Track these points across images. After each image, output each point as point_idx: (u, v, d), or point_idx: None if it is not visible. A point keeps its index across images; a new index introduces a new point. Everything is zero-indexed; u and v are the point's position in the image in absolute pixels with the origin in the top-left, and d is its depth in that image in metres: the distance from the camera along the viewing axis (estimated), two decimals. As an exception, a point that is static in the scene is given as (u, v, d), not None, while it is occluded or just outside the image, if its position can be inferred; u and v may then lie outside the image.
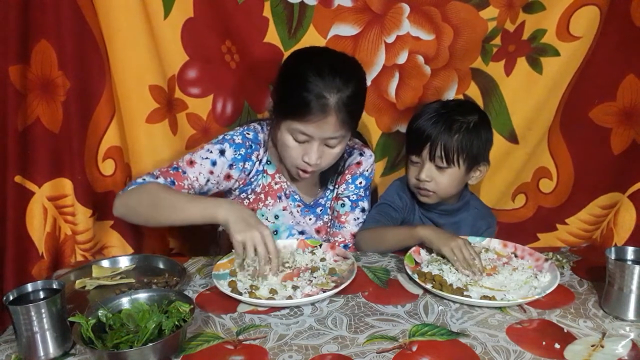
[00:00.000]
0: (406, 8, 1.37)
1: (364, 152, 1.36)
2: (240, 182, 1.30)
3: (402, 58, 1.42)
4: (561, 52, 1.37)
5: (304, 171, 1.22)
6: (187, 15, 1.35)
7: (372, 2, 1.36)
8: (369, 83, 1.43)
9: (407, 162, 1.37)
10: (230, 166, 1.25)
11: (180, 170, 1.21)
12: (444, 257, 1.15)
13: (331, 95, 1.11)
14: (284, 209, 1.33)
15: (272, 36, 1.38)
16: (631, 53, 1.34)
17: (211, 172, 1.22)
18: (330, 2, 1.36)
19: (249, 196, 1.32)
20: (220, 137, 1.26)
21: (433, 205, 1.37)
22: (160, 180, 1.19)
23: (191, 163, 1.22)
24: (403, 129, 1.51)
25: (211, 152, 1.23)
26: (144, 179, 1.19)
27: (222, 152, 1.23)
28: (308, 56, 1.20)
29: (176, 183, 1.19)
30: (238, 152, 1.25)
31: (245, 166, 1.27)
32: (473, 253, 1.11)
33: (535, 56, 1.40)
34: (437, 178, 1.29)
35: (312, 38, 1.38)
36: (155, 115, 1.38)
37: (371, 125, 1.50)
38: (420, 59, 1.42)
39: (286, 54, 1.39)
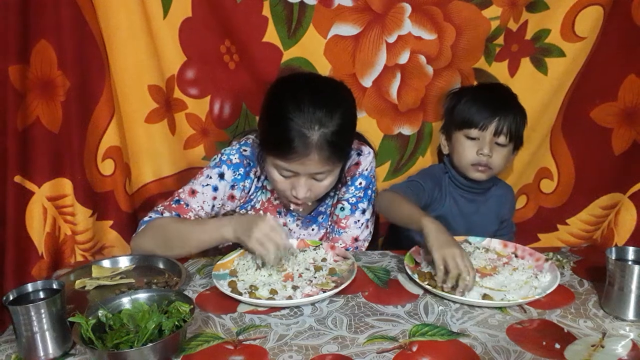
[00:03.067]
0: (407, 7, 1.37)
1: (362, 151, 1.32)
2: (242, 201, 1.29)
3: (404, 58, 1.41)
4: (567, 53, 1.37)
5: (296, 205, 1.20)
6: (185, 15, 1.35)
7: (373, 2, 1.36)
8: (369, 84, 1.43)
9: (456, 140, 1.36)
10: (232, 187, 1.24)
11: (182, 203, 1.21)
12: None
13: (312, 132, 1.06)
14: (284, 225, 1.33)
15: (272, 35, 1.38)
16: (632, 53, 1.34)
17: (214, 198, 1.22)
18: (331, 2, 1.35)
19: (249, 212, 1.31)
20: (218, 158, 1.25)
21: (470, 186, 1.39)
22: (167, 214, 1.19)
23: (193, 193, 1.22)
24: (405, 130, 1.50)
25: (210, 177, 1.22)
26: (150, 217, 1.19)
27: (221, 176, 1.22)
28: (290, 87, 1.15)
29: (181, 217, 1.19)
30: (237, 172, 1.24)
31: (245, 184, 1.26)
32: (469, 267, 1.01)
33: (539, 57, 1.40)
34: (494, 154, 1.32)
35: (312, 38, 1.38)
36: (154, 115, 1.38)
37: (372, 127, 1.49)
38: (422, 59, 1.42)
39: (286, 54, 1.39)
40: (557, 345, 0.87)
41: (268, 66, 1.39)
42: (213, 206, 1.23)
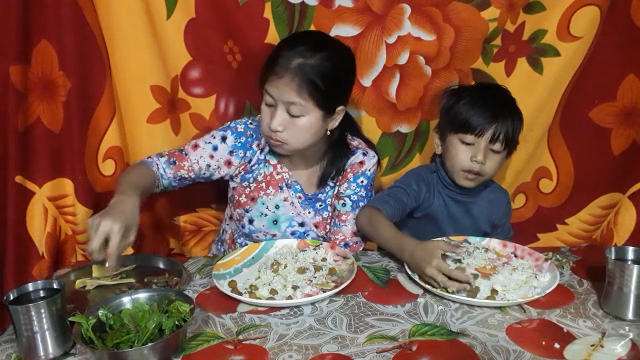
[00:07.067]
0: (407, 8, 1.37)
1: (368, 153, 1.36)
2: (241, 169, 1.34)
3: (403, 58, 1.42)
4: (561, 53, 1.37)
5: (274, 140, 1.24)
6: (189, 16, 1.35)
7: (373, 3, 1.36)
8: (369, 83, 1.44)
9: (450, 143, 1.32)
10: (231, 153, 1.31)
11: (183, 152, 1.31)
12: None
13: (293, 59, 1.17)
14: (285, 200, 1.34)
15: (273, 37, 1.38)
16: (631, 53, 1.34)
17: (211, 157, 1.31)
18: (331, 3, 1.36)
19: (251, 184, 1.35)
20: (226, 124, 1.34)
21: (459, 187, 1.36)
22: (164, 158, 1.28)
23: (195, 146, 1.31)
24: (403, 129, 1.51)
25: (214, 137, 1.32)
26: (150, 157, 1.29)
27: (223, 139, 1.31)
28: (298, 32, 1.32)
29: (177, 163, 1.28)
30: (238, 140, 1.31)
31: (246, 154, 1.33)
32: (449, 275, 1.02)
33: (535, 56, 1.40)
34: (488, 161, 1.29)
35: (312, 39, 1.38)
36: (156, 116, 1.39)
37: (371, 125, 1.49)
38: (421, 59, 1.42)
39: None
40: (557, 345, 0.88)
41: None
42: (208, 165, 1.31)
